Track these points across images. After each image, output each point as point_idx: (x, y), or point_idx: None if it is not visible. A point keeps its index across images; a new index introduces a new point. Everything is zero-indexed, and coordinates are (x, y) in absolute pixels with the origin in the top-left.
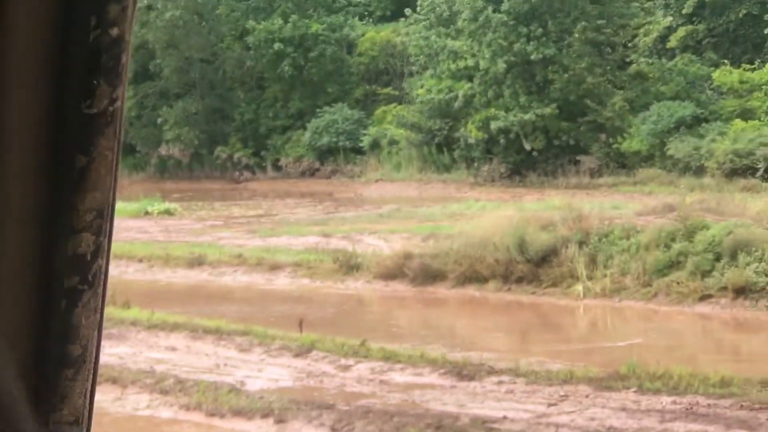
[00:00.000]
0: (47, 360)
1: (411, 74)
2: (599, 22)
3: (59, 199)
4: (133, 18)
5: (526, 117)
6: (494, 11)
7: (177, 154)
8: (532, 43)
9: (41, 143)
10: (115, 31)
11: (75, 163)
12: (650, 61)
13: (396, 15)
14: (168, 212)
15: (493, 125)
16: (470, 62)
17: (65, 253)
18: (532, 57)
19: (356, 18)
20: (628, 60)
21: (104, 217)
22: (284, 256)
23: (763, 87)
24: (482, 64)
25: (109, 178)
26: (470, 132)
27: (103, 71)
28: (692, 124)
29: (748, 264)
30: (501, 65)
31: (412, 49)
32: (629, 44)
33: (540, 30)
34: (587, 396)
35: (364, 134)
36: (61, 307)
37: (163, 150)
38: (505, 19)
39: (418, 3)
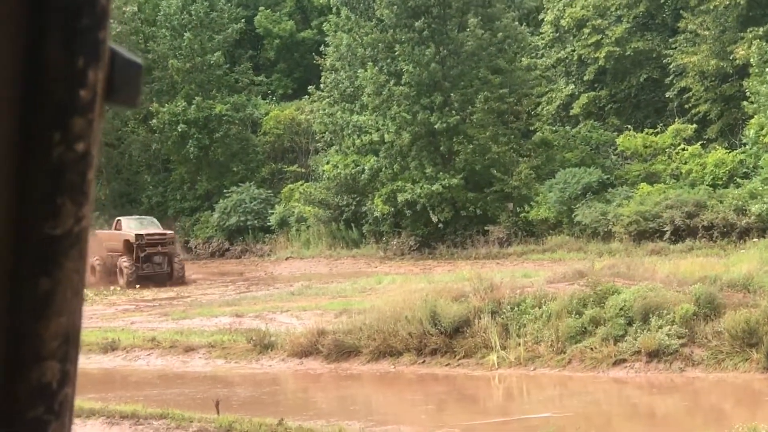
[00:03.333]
0: None
1: (316, 151)
2: (501, 91)
3: (21, 326)
4: (99, 131)
5: (433, 188)
6: (395, 84)
7: None
8: (435, 113)
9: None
10: (80, 146)
11: (38, 287)
12: (554, 128)
13: (298, 93)
14: None
15: (400, 198)
16: (375, 136)
17: (29, 382)
18: (436, 127)
19: (259, 97)
20: (532, 128)
21: (70, 342)
22: (198, 337)
23: (667, 150)
24: (387, 137)
25: (75, 300)
26: (377, 206)
27: (68, 189)
28: (599, 190)
29: (660, 327)
30: (406, 137)
31: (316, 126)
32: (533, 112)
33: (441, 99)
34: None
35: (272, 213)
36: None
37: None
38: (407, 91)
39: (321, 80)
